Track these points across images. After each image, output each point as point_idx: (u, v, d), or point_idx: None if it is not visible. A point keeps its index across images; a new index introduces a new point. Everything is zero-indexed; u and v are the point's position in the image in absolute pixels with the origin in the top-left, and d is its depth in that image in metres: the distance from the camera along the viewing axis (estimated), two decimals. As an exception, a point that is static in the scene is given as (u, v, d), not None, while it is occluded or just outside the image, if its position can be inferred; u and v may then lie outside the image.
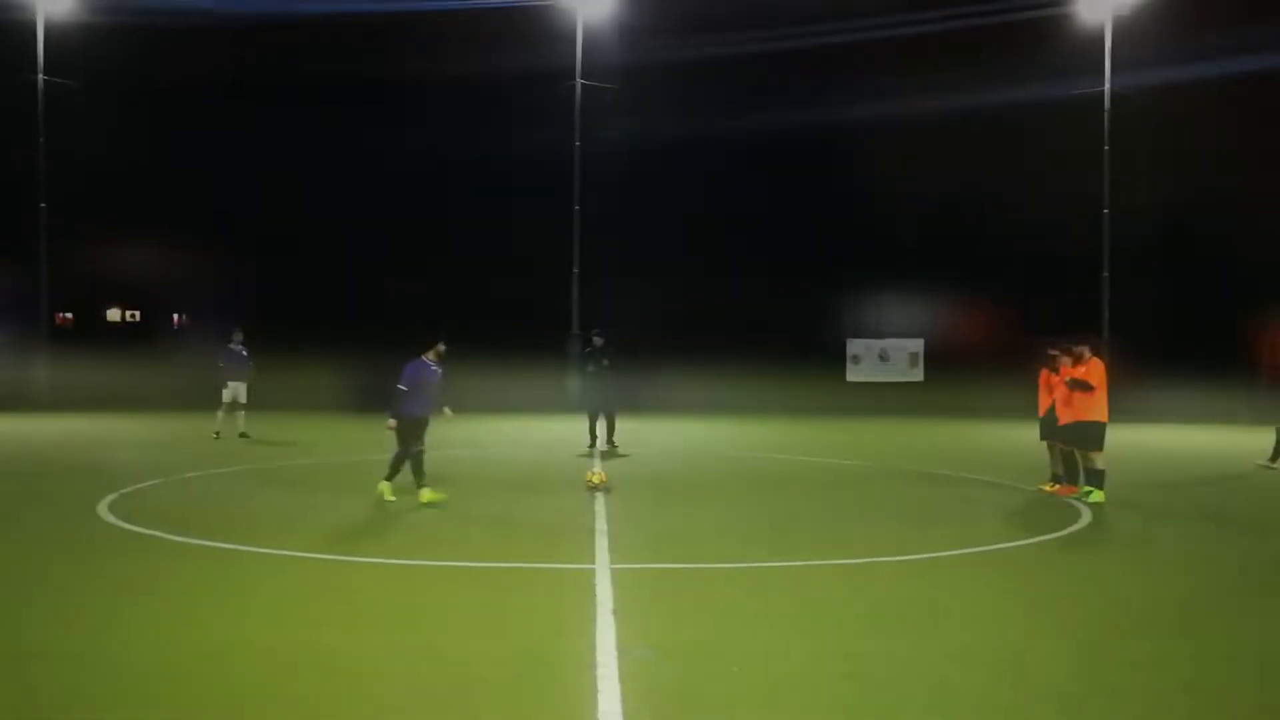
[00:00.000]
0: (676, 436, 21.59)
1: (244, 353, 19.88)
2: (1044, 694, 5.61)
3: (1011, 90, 29.70)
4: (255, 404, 20.26)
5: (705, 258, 36.11)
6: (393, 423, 11.92)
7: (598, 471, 13.87)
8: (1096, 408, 12.67)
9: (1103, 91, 30.09)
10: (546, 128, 31.11)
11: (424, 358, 12.05)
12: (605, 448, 17.97)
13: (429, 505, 11.66)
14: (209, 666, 5.90)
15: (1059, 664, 6.14)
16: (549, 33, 30.92)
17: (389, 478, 12.07)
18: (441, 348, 12.15)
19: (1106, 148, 30.11)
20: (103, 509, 11.22)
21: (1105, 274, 30.25)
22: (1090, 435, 12.68)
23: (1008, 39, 30.48)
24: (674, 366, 27.78)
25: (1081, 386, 12.68)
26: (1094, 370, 12.73)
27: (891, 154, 32.54)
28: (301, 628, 6.74)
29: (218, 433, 19.27)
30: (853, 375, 30.74)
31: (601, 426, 18.12)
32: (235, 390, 19.60)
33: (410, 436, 11.95)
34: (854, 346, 31.25)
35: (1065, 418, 13.00)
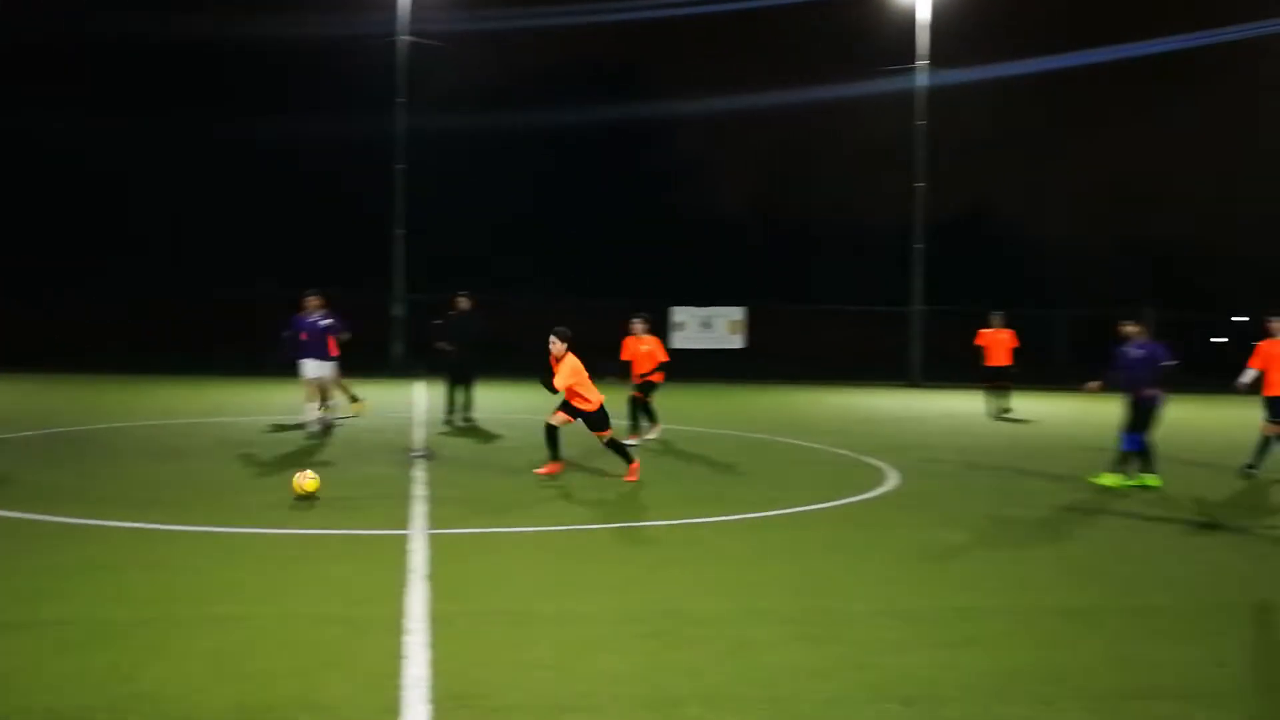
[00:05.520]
0: (498, 402, 21.41)
1: None
2: (839, 640, 5.90)
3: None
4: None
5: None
6: None
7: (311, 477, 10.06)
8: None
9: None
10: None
11: None
12: (462, 421, 16.99)
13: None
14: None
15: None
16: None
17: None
18: None
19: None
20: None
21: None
22: None
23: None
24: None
25: None
26: None
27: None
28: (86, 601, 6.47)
29: None
30: (676, 342, 31.11)
31: (460, 396, 17.15)
32: None
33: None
34: (678, 313, 31.71)
35: None
